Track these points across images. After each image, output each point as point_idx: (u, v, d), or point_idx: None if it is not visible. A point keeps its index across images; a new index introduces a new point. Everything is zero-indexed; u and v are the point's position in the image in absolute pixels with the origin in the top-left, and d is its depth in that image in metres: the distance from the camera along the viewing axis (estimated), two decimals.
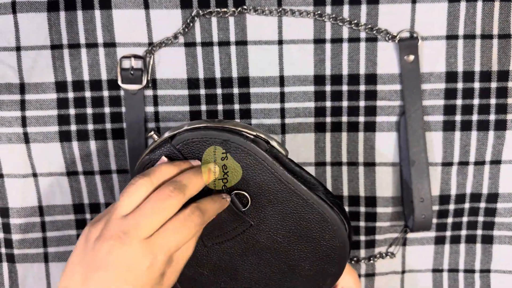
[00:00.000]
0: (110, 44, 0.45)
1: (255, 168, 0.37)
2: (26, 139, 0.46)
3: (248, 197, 0.38)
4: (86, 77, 0.46)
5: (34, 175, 0.47)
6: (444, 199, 0.48)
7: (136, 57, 0.45)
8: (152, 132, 0.38)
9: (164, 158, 0.37)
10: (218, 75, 0.46)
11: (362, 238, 0.49)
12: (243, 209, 0.38)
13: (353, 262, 0.50)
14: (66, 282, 0.32)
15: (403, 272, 0.51)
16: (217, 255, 0.40)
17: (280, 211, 0.39)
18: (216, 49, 0.45)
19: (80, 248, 0.33)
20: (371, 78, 0.46)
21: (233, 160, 0.37)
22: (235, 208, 0.38)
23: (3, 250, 0.49)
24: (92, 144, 0.47)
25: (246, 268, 0.41)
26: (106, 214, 0.34)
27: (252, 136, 0.38)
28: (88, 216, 0.49)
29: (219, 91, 0.46)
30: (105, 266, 0.31)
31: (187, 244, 0.35)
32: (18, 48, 0.45)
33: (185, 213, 0.33)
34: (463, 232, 0.50)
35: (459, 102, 0.46)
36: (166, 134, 0.38)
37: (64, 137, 0.46)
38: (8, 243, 0.48)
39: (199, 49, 0.45)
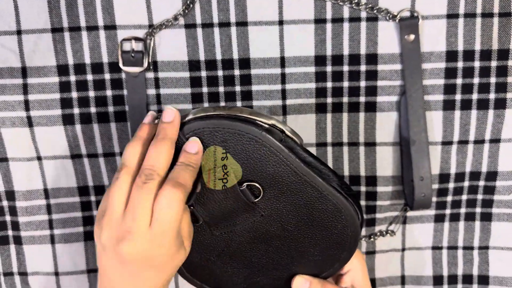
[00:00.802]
0: (111, 27, 0.45)
1: (269, 160, 0.36)
2: (30, 122, 0.47)
3: (261, 188, 0.38)
4: (87, 60, 0.46)
5: (39, 158, 0.48)
6: (443, 177, 0.49)
7: (136, 39, 0.45)
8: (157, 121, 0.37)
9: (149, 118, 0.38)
10: (219, 57, 0.46)
11: None
12: (255, 200, 0.38)
13: None
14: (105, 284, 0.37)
15: (403, 249, 0.52)
16: (225, 242, 0.40)
17: (292, 202, 0.38)
18: (216, 30, 0.45)
19: (102, 256, 0.36)
20: (372, 58, 0.46)
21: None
22: (246, 200, 0.38)
23: (10, 233, 0.50)
24: (95, 127, 0.47)
25: (254, 255, 0.41)
26: (104, 217, 0.35)
27: (266, 126, 0.37)
28: (93, 198, 0.49)
29: (220, 73, 0.47)
30: (131, 263, 0.34)
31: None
32: (18, 32, 0.45)
33: (166, 192, 0.34)
34: (463, 210, 0.50)
35: (459, 81, 0.46)
36: None
37: (67, 120, 0.47)
38: (15, 226, 0.49)
39: (199, 31, 0.45)
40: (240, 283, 0.43)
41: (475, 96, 0.47)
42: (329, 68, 0.46)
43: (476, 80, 0.46)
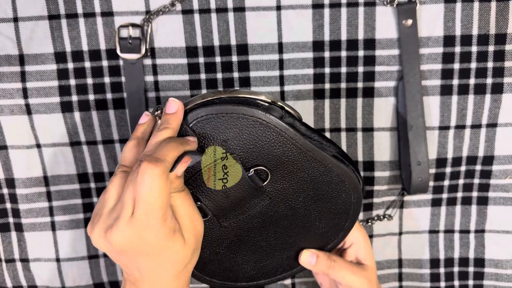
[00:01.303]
0: (108, 13, 0.45)
1: (276, 141, 0.36)
2: (28, 110, 0.47)
3: (268, 171, 0.37)
4: (85, 47, 0.46)
5: (38, 146, 0.48)
6: (441, 162, 0.49)
7: (134, 25, 0.45)
8: (159, 111, 0.37)
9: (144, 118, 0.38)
10: (216, 42, 0.46)
11: None
12: (263, 184, 0.38)
13: None
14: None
15: (400, 233, 0.52)
16: (234, 232, 0.40)
17: (298, 180, 0.38)
18: (214, 16, 0.45)
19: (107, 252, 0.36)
20: (370, 43, 0.46)
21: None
22: (255, 185, 0.38)
23: (11, 220, 0.50)
24: (94, 114, 0.47)
25: (263, 239, 0.41)
26: (97, 214, 0.35)
27: (266, 104, 0.36)
28: (92, 185, 0.50)
29: (218, 59, 0.47)
30: (123, 252, 0.34)
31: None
32: (15, 19, 0.45)
33: (142, 169, 0.32)
34: (459, 194, 0.51)
35: (456, 66, 0.47)
36: None
37: (66, 107, 0.47)
38: (16, 213, 0.50)
39: (196, 17, 0.45)
40: (250, 270, 0.43)
41: (472, 81, 0.47)
42: (327, 54, 0.47)
43: (473, 65, 0.46)
